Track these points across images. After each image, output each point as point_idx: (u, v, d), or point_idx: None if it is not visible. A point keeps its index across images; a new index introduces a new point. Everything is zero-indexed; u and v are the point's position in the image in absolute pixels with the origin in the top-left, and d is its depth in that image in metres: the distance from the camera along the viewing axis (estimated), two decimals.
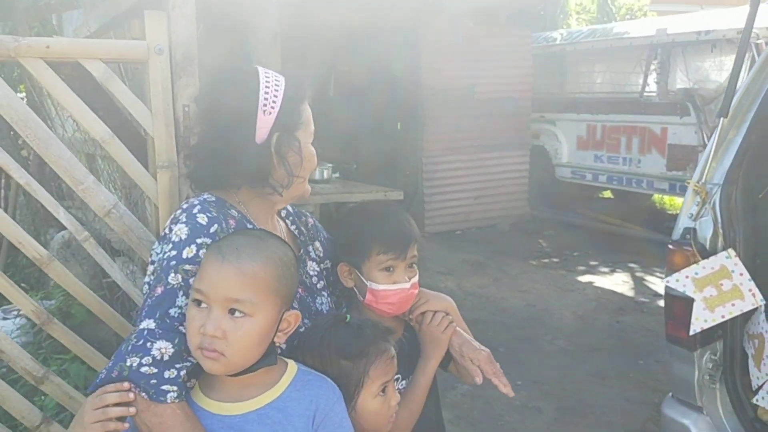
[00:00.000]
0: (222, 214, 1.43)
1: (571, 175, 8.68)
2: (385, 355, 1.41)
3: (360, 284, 1.63)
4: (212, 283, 1.21)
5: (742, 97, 2.28)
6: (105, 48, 1.87)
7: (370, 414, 1.40)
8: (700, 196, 2.25)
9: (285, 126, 1.48)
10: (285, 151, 1.47)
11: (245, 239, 1.28)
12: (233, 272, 1.22)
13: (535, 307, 5.49)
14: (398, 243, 1.60)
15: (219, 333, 1.19)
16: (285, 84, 1.50)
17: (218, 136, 1.48)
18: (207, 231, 1.37)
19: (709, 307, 2.12)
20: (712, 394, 2.26)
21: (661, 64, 7.40)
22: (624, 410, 3.69)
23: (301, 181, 1.52)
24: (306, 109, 1.55)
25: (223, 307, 1.21)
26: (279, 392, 1.28)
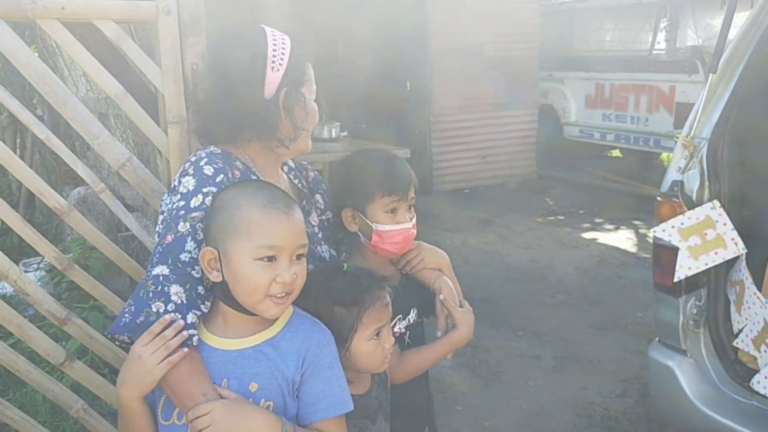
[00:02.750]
0: (228, 165, 1.53)
1: (579, 134, 8.71)
2: (379, 302, 1.48)
3: (364, 227, 1.73)
4: (286, 237, 1.31)
5: (731, 53, 2.34)
6: (116, 8, 1.95)
7: (363, 355, 1.49)
8: (688, 150, 2.33)
9: (292, 82, 1.57)
10: (292, 106, 1.57)
11: (276, 192, 1.38)
12: (298, 223, 1.34)
13: (538, 262, 5.61)
14: (400, 185, 1.70)
15: (294, 278, 1.32)
16: (291, 42, 1.59)
17: (228, 91, 1.57)
18: (213, 181, 1.47)
19: (694, 255, 2.22)
20: (696, 338, 2.38)
21: (670, 21, 7.37)
22: (620, 359, 3.84)
23: (306, 134, 1.62)
24: (309, 67, 1.63)
25: (292, 255, 1.32)
26: (275, 332, 1.37)
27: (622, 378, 3.63)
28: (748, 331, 2.20)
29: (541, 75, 8.50)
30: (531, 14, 8.18)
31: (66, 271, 2.01)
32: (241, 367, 1.34)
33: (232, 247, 1.30)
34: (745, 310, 2.22)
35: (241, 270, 1.30)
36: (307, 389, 1.35)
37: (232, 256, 1.30)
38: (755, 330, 2.16)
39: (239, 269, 1.30)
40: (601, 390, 3.52)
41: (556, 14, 8.80)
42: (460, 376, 3.65)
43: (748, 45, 2.33)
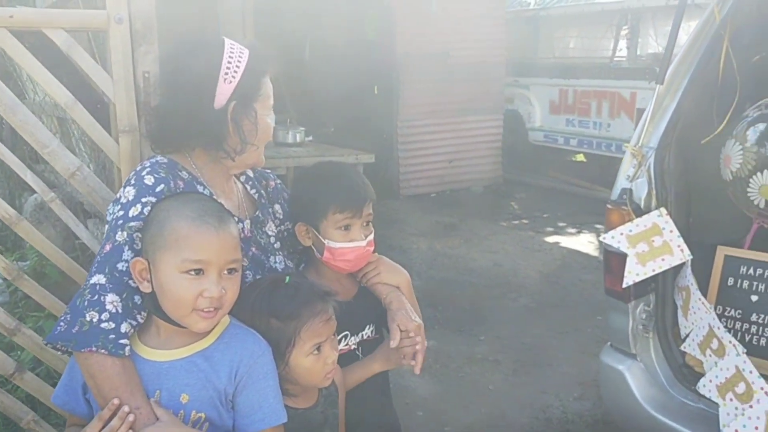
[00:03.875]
0: (171, 175, 1.54)
1: (544, 139, 8.82)
2: (318, 317, 1.46)
3: (318, 243, 1.73)
4: (215, 251, 1.31)
5: (678, 65, 2.41)
6: (66, 17, 1.95)
7: (303, 369, 1.47)
8: (636, 159, 2.39)
9: (243, 95, 1.58)
10: (240, 119, 1.58)
11: (209, 205, 1.38)
12: (228, 237, 1.34)
13: (502, 266, 5.67)
14: (354, 202, 1.69)
15: (222, 293, 1.32)
16: (249, 56, 1.60)
17: (178, 98, 1.58)
18: (153, 191, 1.48)
19: (641, 261, 2.27)
20: (646, 342, 2.43)
21: (631, 29, 7.51)
22: (579, 362, 3.90)
23: (254, 149, 1.62)
24: (266, 83, 1.64)
25: (221, 270, 1.32)
26: (208, 343, 1.37)
27: (581, 381, 3.69)
28: (694, 335, 2.26)
29: (507, 81, 8.59)
30: (497, 21, 8.27)
31: (16, 282, 1.99)
32: (172, 379, 1.34)
33: (160, 259, 1.31)
34: (691, 315, 2.28)
35: (168, 282, 1.31)
36: (242, 400, 1.35)
37: (160, 267, 1.31)
38: (701, 335, 2.22)
39: (165, 281, 1.31)
40: (559, 393, 3.57)
41: (522, 21, 8.92)
42: (422, 381, 3.68)
43: (693, 57, 2.40)
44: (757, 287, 2.34)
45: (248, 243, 1.67)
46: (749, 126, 2.36)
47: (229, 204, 1.65)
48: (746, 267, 2.37)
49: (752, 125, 2.36)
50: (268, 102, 1.64)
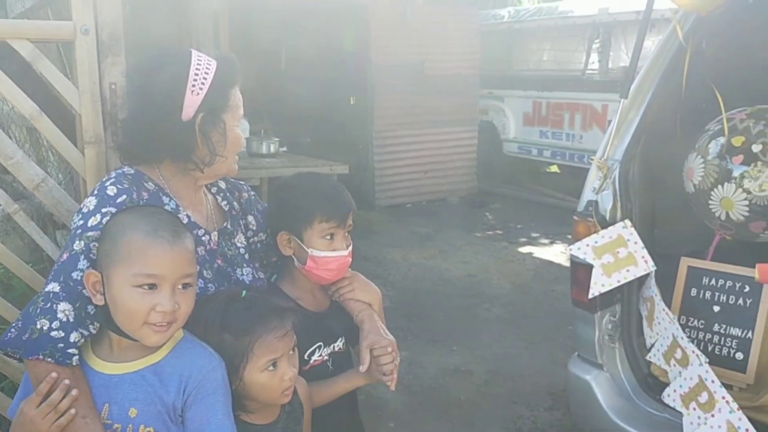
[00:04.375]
0: (135, 186, 1.54)
1: (518, 150, 8.90)
2: (273, 333, 1.44)
3: (300, 252, 1.74)
4: (168, 266, 1.30)
5: (642, 80, 2.46)
6: (32, 28, 1.94)
7: (258, 386, 1.45)
8: (602, 172, 2.43)
9: (211, 107, 1.58)
10: (209, 131, 1.58)
11: (164, 219, 1.37)
12: (183, 251, 1.34)
13: (476, 277, 5.70)
14: (340, 211, 1.72)
15: (175, 307, 1.31)
16: (216, 68, 1.60)
17: (146, 111, 1.58)
18: (114, 201, 1.48)
19: (607, 272, 2.31)
20: (612, 352, 2.47)
21: (602, 42, 7.63)
22: (550, 372, 3.92)
23: (223, 160, 1.62)
24: (235, 93, 1.64)
25: (175, 284, 1.32)
26: (159, 357, 1.36)
27: (551, 391, 3.71)
28: (659, 345, 2.29)
29: (482, 93, 8.68)
30: (471, 34, 8.36)
31: None
32: (121, 392, 1.34)
33: (113, 273, 1.31)
34: (656, 325, 2.31)
35: (120, 296, 1.30)
36: (191, 415, 1.35)
37: (113, 281, 1.31)
38: (665, 345, 2.25)
39: (118, 295, 1.31)
40: (530, 403, 3.59)
41: (496, 34, 9.01)
42: (394, 393, 3.66)
43: (656, 72, 2.45)
44: (719, 298, 2.38)
45: (214, 255, 1.67)
46: (711, 139, 2.42)
47: (197, 215, 1.65)
48: (708, 278, 2.41)
49: (713, 138, 2.41)
50: (237, 113, 1.65)
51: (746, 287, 2.33)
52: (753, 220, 2.36)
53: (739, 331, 2.32)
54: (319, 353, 1.79)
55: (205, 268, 1.61)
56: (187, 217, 1.61)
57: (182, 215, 1.60)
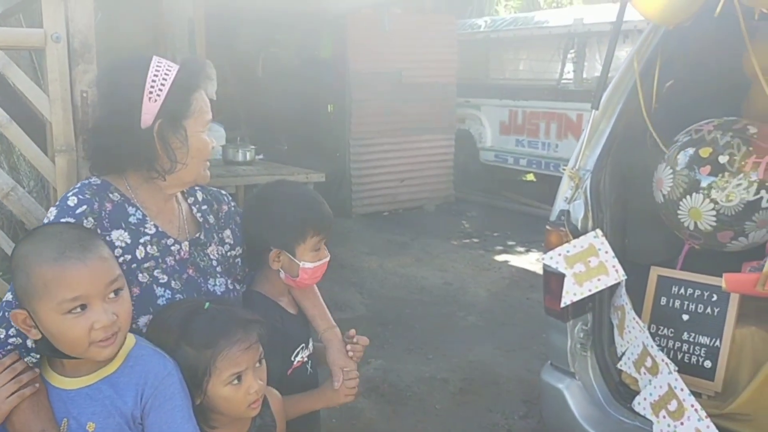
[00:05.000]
0: (99, 196, 1.52)
1: (495, 159, 8.97)
2: (237, 345, 1.41)
3: (290, 266, 1.75)
4: (89, 283, 1.26)
5: (612, 91, 2.49)
6: (2, 36, 1.92)
7: (222, 400, 1.43)
8: (573, 182, 2.46)
9: (170, 113, 1.56)
10: (168, 138, 1.56)
11: (66, 236, 1.32)
12: (98, 262, 1.30)
13: (452, 285, 5.72)
14: (328, 223, 1.76)
15: (114, 318, 1.28)
16: (177, 73, 1.58)
17: (106, 119, 1.58)
18: (73, 212, 1.47)
19: (578, 281, 2.33)
20: (584, 361, 2.49)
21: (577, 53, 7.72)
22: (524, 380, 3.95)
23: (182, 167, 1.59)
24: (199, 98, 1.61)
25: (104, 296, 1.29)
26: (113, 368, 1.34)
27: (526, 399, 3.74)
28: (630, 354, 2.32)
29: (459, 101, 8.72)
30: (449, 43, 8.40)
31: None
32: (78, 407, 1.32)
33: (38, 308, 1.27)
34: (626, 333, 2.34)
35: (54, 327, 1.27)
36: (150, 423, 1.33)
37: (40, 315, 1.27)
38: (636, 353, 2.28)
39: (51, 327, 1.27)
40: (505, 411, 3.61)
41: (473, 43, 9.08)
42: (369, 401, 3.68)
43: (627, 84, 2.48)
44: (688, 306, 2.42)
45: (184, 265, 1.64)
46: (679, 150, 2.46)
47: (166, 225, 1.64)
48: (678, 287, 2.45)
49: (682, 149, 2.45)
50: (202, 118, 1.61)
51: (714, 296, 2.37)
52: (720, 229, 2.40)
53: (708, 340, 2.36)
54: (301, 354, 1.82)
55: (173, 278, 1.59)
56: (154, 227, 1.59)
57: (149, 225, 1.58)
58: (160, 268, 1.57)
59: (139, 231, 1.56)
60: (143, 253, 1.55)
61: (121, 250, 1.51)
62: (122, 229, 1.54)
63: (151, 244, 1.57)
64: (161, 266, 1.58)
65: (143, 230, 1.57)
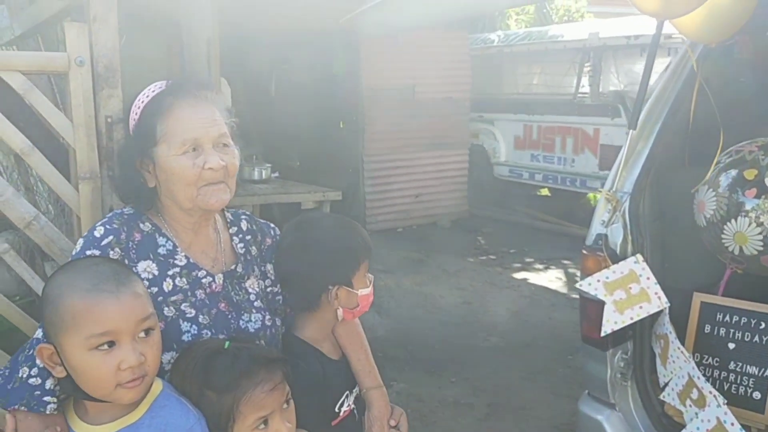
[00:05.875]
0: (127, 226, 1.47)
1: (509, 174, 8.88)
2: (260, 387, 1.32)
3: (348, 298, 1.65)
4: (120, 319, 1.20)
5: (650, 110, 2.41)
6: (24, 60, 1.86)
7: None
8: (611, 204, 2.37)
9: (139, 147, 1.49)
10: (146, 174, 1.50)
11: (102, 269, 1.26)
12: (131, 298, 1.23)
13: (471, 304, 5.62)
14: (371, 245, 1.72)
15: (141, 359, 1.22)
16: (150, 99, 1.49)
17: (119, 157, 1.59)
18: (98, 243, 1.42)
19: (619, 309, 2.23)
20: (624, 391, 2.39)
21: (593, 66, 7.65)
22: (551, 405, 3.84)
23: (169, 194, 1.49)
24: (170, 119, 1.46)
25: (134, 335, 1.22)
26: (136, 417, 1.27)
27: (554, 424, 3.63)
28: (673, 384, 2.22)
29: (472, 116, 8.66)
30: (462, 57, 8.35)
31: None
32: None
33: (65, 342, 1.20)
34: (670, 363, 2.24)
35: (80, 364, 1.20)
36: None
37: (67, 351, 1.21)
38: (680, 384, 2.18)
39: (77, 363, 1.21)
40: None
41: (486, 58, 9.02)
42: None
43: (665, 102, 2.40)
44: (734, 335, 2.31)
45: (216, 298, 1.56)
46: (721, 172, 2.36)
47: (199, 256, 1.56)
48: (722, 314, 2.35)
49: (724, 171, 2.36)
50: (174, 139, 1.45)
51: (762, 324, 2.26)
52: (766, 253, 2.30)
53: (756, 369, 2.25)
54: (347, 403, 1.72)
55: (202, 312, 1.51)
56: (185, 258, 1.52)
57: (179, 256, 1.52)
58: (189, 301, 1.50)
59: (168, 262, 1.50)
60: (171, 286, 1.48)
61: (147, 282, 1.44)
62: (150, 260, 1.47)
63: (180, 276, 1.50)
64: (189, 299, 1.50)
65: (173, 261, 1.51)
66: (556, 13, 13.78)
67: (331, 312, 1.68)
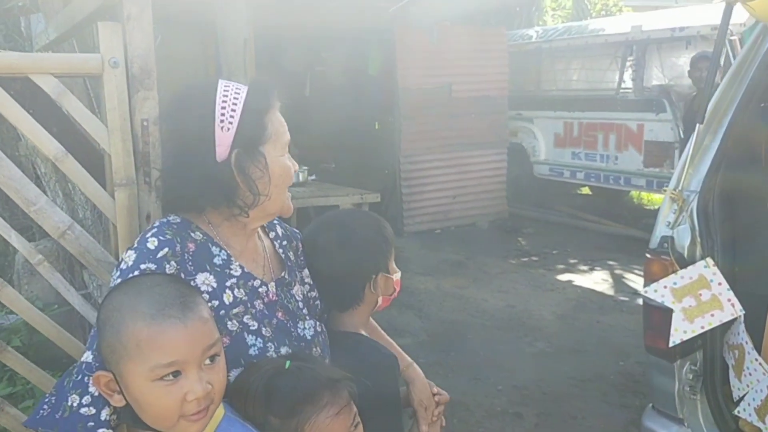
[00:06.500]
0: (180, 237, 1.36)
1: (549, 173, 8.67)
2: (325, 411, 1.24)
3: (386, 285, 1.68)
4: (187, 347, 1.12)
5: (718, 101, 2.24)
6: (56, 62, 1.77)
7: None
8: (677, 204, 2.20)
9: (246, 141, 1.39)
10: (248, 168, 1.39)
11: (168, 290, 1.17)
12: (198, 323, 1.14)
13: (515, 307, 5.45)
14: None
15: (208, 388, 1.13)
16: (246, 95, 1.41)
17: (178, 155, 1.42)
18: (153, 256, 1.30)
19: (689, 317, 2.08)
20: (693, 405, 2.22)
21: (636, 60, 7.41)
22: (604, 414, 3.66)
23: (265, 199, 1.42)
24: (273, 119, 1.44)
25: (200, 363, 1.13)
26: None
27: None
28: (750, 399, 2.05)
29: (510, 114, 8.47)
30: (499, 54, 8.18)
31: None
32: None
33: (126, 371, 1.12)
34: (746, 376, 2.07)
35: (142, 395, 1.12)
36: None
37: (127, 380, 1.12)
38: (759, 399, 2.01)
39: (139, 394, 1.12)
40: None
41: (524, 54, 8.82)
42: None
43: (734, 94, 2.22)
44: None
45: (273, 308, 1.48)
46: None
47: (251, 265, 1.48)
48: None
49: None
50: (280, 140, 1.44)
51: None
52: None
53: None
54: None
55: (263, 324, 1.42)
56: (239, 268, 1.43)
57: (234, 266, 1.42)
58: (249, 313, 1.41)
59: (225, 273, 1.40)
60: (231, 298, 1.38)
61: (207, 295, 1.34)
62: (207, 271, 1.37)
63: (237, 287, 1.41)
64: (250, 311, 1.41)
65: (229, 272, 1.41)
66: (593, 8, 13.48)
67: (371, 303, 1.69)
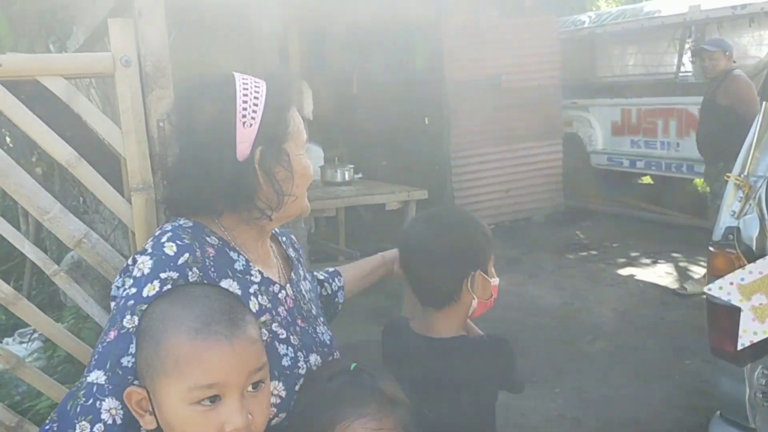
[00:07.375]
0: (197, 241, 1.24)
1: (608, 162, 8.35)
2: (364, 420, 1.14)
3: (484, 288, 1.59)
4: (231, 369, 0.99)
5: None
6: (65, 63, 1.71)
7: None
8: (742, 191, 1.99)
9: (270, 138, 1.28)
10: (272, 167, 1.27)
11: (215, 302, 1.05)
12: (246, 343, 1.02)
13: (573, 305, 5.22)
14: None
15: (249, 420, 1.01)
16: (266, 89, 1.30)
17: (194, 155, 1.28)
18: (174, 263, 1.17)
19: (759, 317, 1.87)
20: (766, 413, 2.01)
21: (695, 42, 7.03)
22: (671, 418, 3.43)
23: (293, 199, 1.32)
24: (294, 116, 1.34)
25: (243, 389, 1.01)
26: None
27: None
28: None
29: (565, 103, 8.18)
30: (551, 42, 7.90)
31: (15, 371, 1.72)
32: None
33: (160, 388, 0.99)
34: None
35: (176, 419, 0.99)
36: None
37: (161, 399, 1.00)
38: None
39: (173, 418, 0.99)
40: None
41: (577, 40, 8.51)
42: None
43: None
44: None
45: (293, 314, 1.37)
46: None
47: (268, 269, 1.37)
48: None
49: None
50: (300, 138, 1.35)
51: None
52: None
53: None
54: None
55: (290, 332, 1.32)
56: (259, 274, 1.32)
57: (254, 271, 1.31)
58: (276, 321, 1.31)
59: (246, 279, 1.29)
60: (257, 305, 1.28)
61: None
62: (230, 278, 1.26)
63: (260, 293, 1.30)
64: (276, 319, 1.31)
65: (250, 278, 1.30)
66: None
67: (467, 305, 1.59)
